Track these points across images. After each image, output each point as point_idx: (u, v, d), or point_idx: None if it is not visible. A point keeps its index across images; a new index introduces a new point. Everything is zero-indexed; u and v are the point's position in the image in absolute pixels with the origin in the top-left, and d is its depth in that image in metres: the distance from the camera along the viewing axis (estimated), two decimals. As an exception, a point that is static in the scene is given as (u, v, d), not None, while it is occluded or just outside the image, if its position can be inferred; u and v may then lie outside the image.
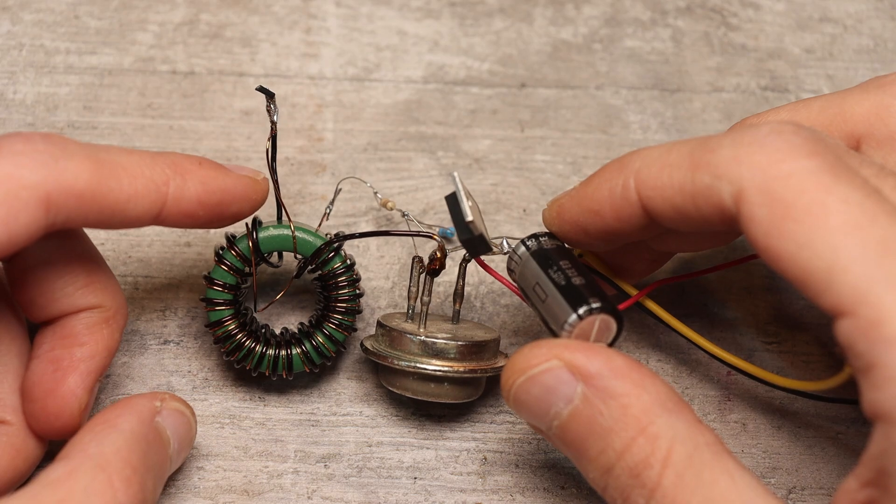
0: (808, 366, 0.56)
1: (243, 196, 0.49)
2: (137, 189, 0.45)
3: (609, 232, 0.46)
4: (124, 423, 0.46)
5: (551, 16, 0.66)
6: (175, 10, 0.64)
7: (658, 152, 0.44)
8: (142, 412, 0.47)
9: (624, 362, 0.43)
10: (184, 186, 0.46)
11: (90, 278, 0.48)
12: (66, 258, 0.48)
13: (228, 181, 0.48)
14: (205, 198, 0.47)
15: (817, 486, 0.53)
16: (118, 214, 0.45)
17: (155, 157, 0.46)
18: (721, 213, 0.42)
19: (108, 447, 0.44)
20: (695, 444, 0.42)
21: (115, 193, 0.44)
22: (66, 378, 0.48)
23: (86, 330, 0.49)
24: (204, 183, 0.47)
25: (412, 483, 0.52)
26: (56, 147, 0.43)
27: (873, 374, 0.37)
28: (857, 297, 0.37)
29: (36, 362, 0.49)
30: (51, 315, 0.49)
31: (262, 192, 0.50)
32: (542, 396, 0.44)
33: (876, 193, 0.39)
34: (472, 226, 0.48)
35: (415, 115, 0.62)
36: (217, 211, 0.48)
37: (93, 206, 0.44)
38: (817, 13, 0.66)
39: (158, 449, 0.47)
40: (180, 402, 0.49)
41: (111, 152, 0.45)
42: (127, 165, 0.45)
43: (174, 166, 0.46)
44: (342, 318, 0.52)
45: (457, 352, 0.51)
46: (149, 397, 0.48)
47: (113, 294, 0.49)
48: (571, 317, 0.45)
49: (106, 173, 0.44)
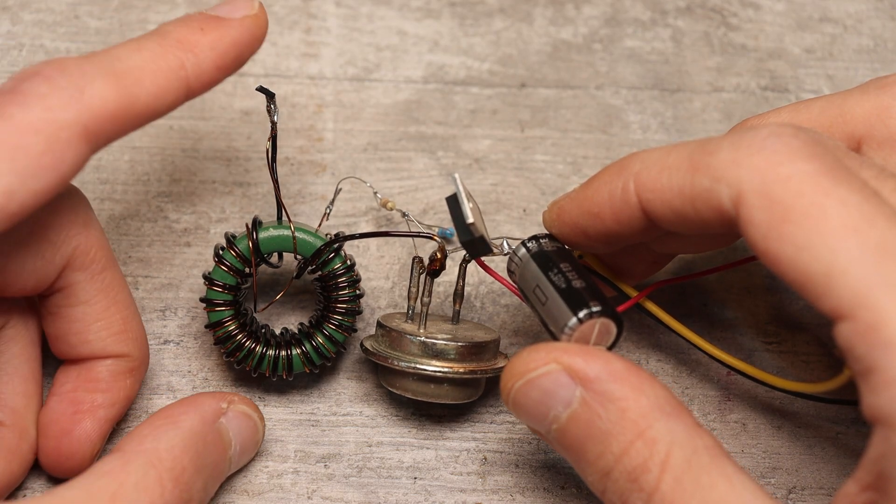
0: (808, 366, 0.56)
1: (251, 38, 0.48)
2: (160, 86, 0.45)
3: (609, 234, 0.47)
4: (185, 421, 0.46)
5: (551, 16, 0.66)
6: (175, 10, 0.64)
7: (657, 155, 0.44)
8: (205, 412, 0.47)
9: (623, 366, 0.43)
10: (199, 62, 0.46)
11: (125, 326, 0.49)
12: (106, 303, 0.49)
13: (234, 34, 0.47)
14: (220, 62, 0.47)
15: (817, 486, 0.53)
16: (151, 113, 0.45)
17: (162, 43, 0.46)
18: (720, 216, 0.42)
19: (164, 444, 0.44)
20: (693, 448, 0.42)
21: (144, 98, 0.44)
22: (84, 421, 0.49)
23: (110, 377, 0.49)
24: (214, 48, 0.47)
25: (412, 483, 0.53)
26: (77, 76, 0.43)
27: (873, 378, 0.37)
28: (856, 301, 0.37)
29: (56, 399, 0.49)
30: (79, 355, 0.49)
31: (264, 23, 0.49)
32: (540, 400, 0.44)
33: (875, 196, 0.39)
34: (472, 228, 0.48)
35: (415, 115, 0.62)
36: (234, 65, 0.48)
37: (126, 119, 0.44)
38: (817, 13, 0.66)
39: (216, 450, 0.47)
40: (249, 404, 0.49)
41: (123, 58, 0.45)
42: (143, 65, 0.45)
43: (182, 45, 0.46)
44: (342, 318, 0.52)
45: (456, 353, 0.51)
46: (216, 397, 0.48)
47: (141, 345, 0.50)
48: (571, 320, 0.45)
49: (129, 84, 0.44)
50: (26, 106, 0.42)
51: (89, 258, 0.48)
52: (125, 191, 0.59)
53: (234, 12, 0.48)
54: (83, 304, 0.48)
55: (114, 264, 0.49)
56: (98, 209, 0.58)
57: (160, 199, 0.58)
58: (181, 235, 0.58)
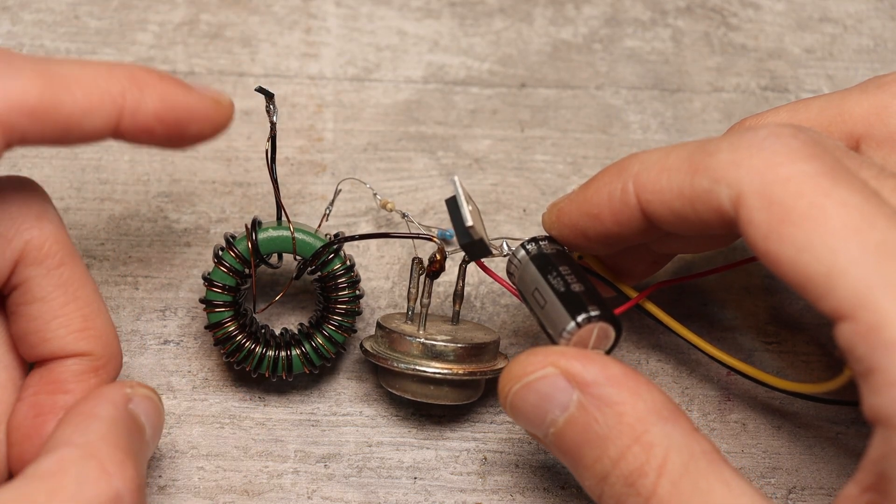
0: (807, 366, 0.56)
1: (205, 116, 0.46)
2: (92, 101, 0.43)
3: (608, 235, 0.46)
4: (102, 411, 0.44)
5: (551, 16, 0.66)
6: (175, 10, 0.64)
7: (657, 156, 0.44)
8: (116, 400, 0.45)
9: (620, 370, 0.43)
10: (141, 99, 0.44)
11: (85, 324, 0.47)
12: (64, 300, 0.47)
13: (190, 99, 0.46)
14: (163, 113, 0.45)
15: (817, 486, 0.53)
16: (74, 129, 0.43)
17: (112, 68, 0.44)
18: (720, 217, 0.41)
19: (93, 435, 0.43)
20: (690, 453, 0.41)
21: (69, 107, 0.43)
22: (46, 425, 0.46)
23: (73, 377, 0.47)
24: (163, 98, 0.45)
25: (412, 483, 0.53)
26: (4, 66, 0.42)
27: (873, 379, 0.37)
28: (857, 301, 0.37)
29: (20, 405, 0.47)
30: (40, 355, 0.47)
31: (226, 115, 0.47)
32: (538, 403, 0.44)
33: (875, 196, 0.39)
34: (471, 231, 0.48)
35: (415, 115, 0.62)
36: (176, 129, 0.46)
37: (46, 121, 0.43)
38: (817, 13, 0.66)
39: (137, 433, 0.45)
40: (148, 388, 0.47)
41: (63, 65, 0.44)
42: (80, 77, 0.43)
43: (132, 78, 0.44)
44: (342, 319, 0.52)
45: (456, 354, 0.51)
46: (118, 385, 0.46)
47: (107, 343, 0.48)
48: (570, 325, 0.45)
49: (57, 87, 0.43)
50: None
51: (43, 252, 0.46)
52: (125, 191, 0.59)
53: (203, 90, 0.47)
54: (39, 301, 0.46)
55: (74, 259, 0.47)
56: (98, 209, 0.58)
57: (160, 199, 0.58)
58: (181, 235, 0.58)
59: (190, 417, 0.54)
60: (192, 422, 0.53)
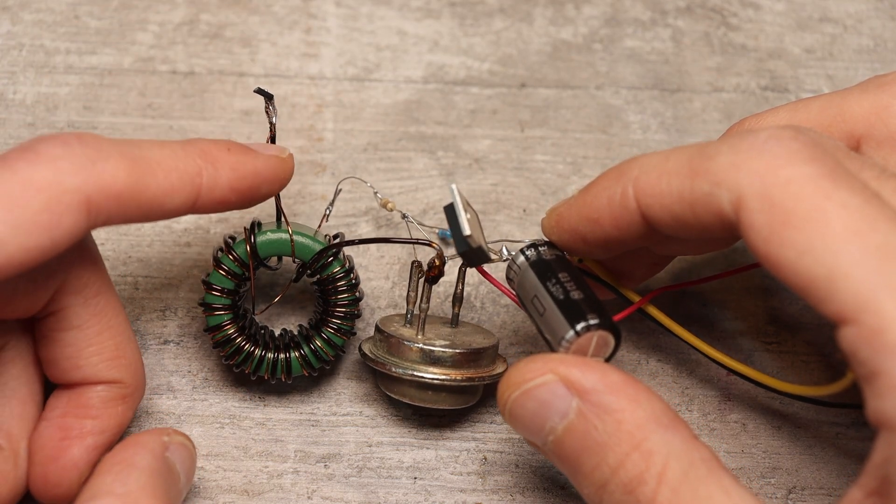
0: (808, 366, 0.56)
1: (273, 177, 0.49)
2: (173, 183, 0.45)
3: (608, 240, 0.46)
4: (140, 460, 0.46)
5: (551, 16, 0.65)
6: (175, 10, 0.64)
7: (656, 160, 0.44)
8: (154, 449, 0.47)
9: (619, 378, 0.43)
10: (216, 175, 0.47)
11: (117, 352, 0.48)
12: (99, 328, 0.48)
13: (258, 164, 0.48)
14: (236, 184, 0.47)
15: (817, 486, 0.53)
16: (156, 209, 0.45)
17: (186, 147, 0.46)
18: (720, 221, 0.41)
19: (133, 485, 0.44)
20: (690, 461, 0.41)
21: (152, 190, 0.45)
22: (72, 448, 0.48)
23: (101, 403, 0.48)
24: (234, 169, 0.47)
25: (412, 483, 0.53)
26: (92, 149, 0.44)
27: (877, 383, 0.37)
28: (859, 305, 0.37)
29: (45, 424, 0.49)
30: (71, 380, 0.48)
31: (289, 169, 0.50)
32: (537, 411, 0.44)
33: (876, 198, 0.39)
34: (469, 239, 0.47)
35: (415, 115, 0.62)
36: (249, 195, 0.48)
37: (131, 204, 0.44)
38: (817, 13, 0.66)
39: (172, 482, 0.47)
40: (183, 435, 0.49)
41: (143, 148, 0.45)
42: (160, 160, 0.45)
43: (205, 155, 0.47)
44: (341, 322, 0.52)
45: (454, 360, 0.51)
46: (156, 433, 0.48)
47: (135, 372, 0.49)
48: (569, 333, 0.45)
49: (141, 171, 0.44)
50: (35, 164, 0.42)
51: (82, 282, 0.47)
52: (125, 191, 0.59)
53: (264, 149, 0.49)
54: (75, 329, 0.48)
55: (109, 289, 0.48)
56: (98, 209, 0.58)
57: (160, 200, 0.58)
58: (181, 235, 0.58)
59: (190, 417, 0.54)
60: (192, 422, 0.53)
